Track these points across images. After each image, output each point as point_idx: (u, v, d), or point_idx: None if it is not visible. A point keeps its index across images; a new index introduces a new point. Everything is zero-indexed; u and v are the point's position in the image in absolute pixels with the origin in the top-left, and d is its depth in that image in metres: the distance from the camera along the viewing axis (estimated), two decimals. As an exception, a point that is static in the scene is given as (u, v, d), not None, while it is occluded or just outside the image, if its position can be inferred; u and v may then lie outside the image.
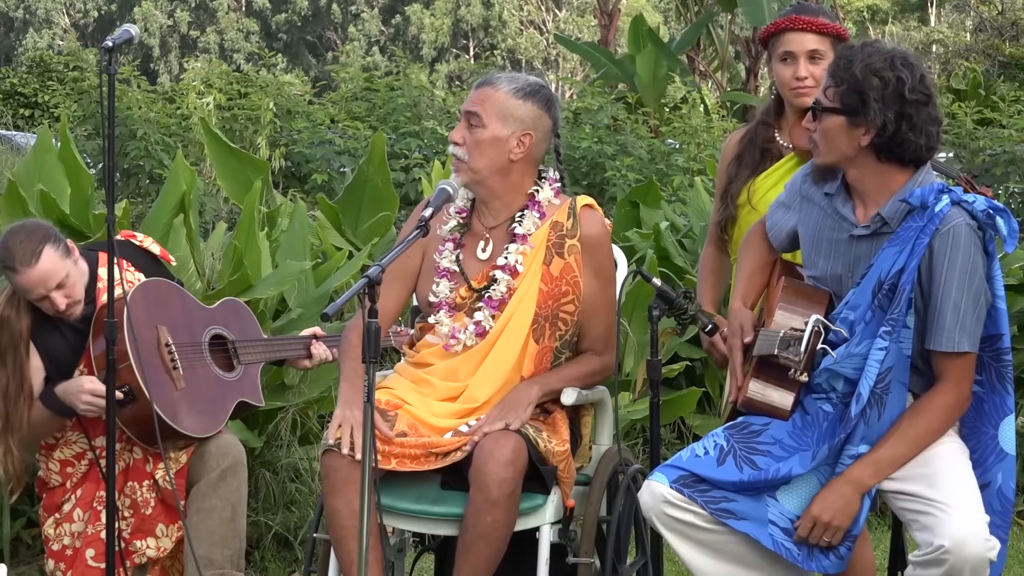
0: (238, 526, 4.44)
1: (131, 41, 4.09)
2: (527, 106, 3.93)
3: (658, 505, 3.51)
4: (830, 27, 4.12)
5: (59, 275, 4.32)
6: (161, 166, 10.69)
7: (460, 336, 3.94)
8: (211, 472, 4.40)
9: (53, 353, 4.43)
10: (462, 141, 3.92)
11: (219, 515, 4.39)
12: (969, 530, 3.29)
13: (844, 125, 3.47)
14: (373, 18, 59.40)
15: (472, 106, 3.92)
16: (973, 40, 28.52)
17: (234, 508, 4.42)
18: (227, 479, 4.41)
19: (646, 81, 16.99)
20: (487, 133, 3.90)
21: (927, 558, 3.31)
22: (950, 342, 3.44)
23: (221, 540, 4.39)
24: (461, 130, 3.93)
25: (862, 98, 3.42)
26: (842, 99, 3.46)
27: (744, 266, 3.86)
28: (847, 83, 3.44)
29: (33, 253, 4.29)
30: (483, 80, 3.99)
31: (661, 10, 47.53)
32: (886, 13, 43.72)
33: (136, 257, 4.57)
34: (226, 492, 4.41)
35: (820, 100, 3.51)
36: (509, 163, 3.93)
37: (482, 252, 4.01)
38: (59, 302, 4.33)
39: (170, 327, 4.41)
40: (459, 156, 3.93)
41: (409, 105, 12.82)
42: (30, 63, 26.21)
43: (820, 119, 3.50)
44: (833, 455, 3.47)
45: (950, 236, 3.42)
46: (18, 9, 59.25)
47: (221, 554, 4.39)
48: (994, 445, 3.54)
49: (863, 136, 3.46)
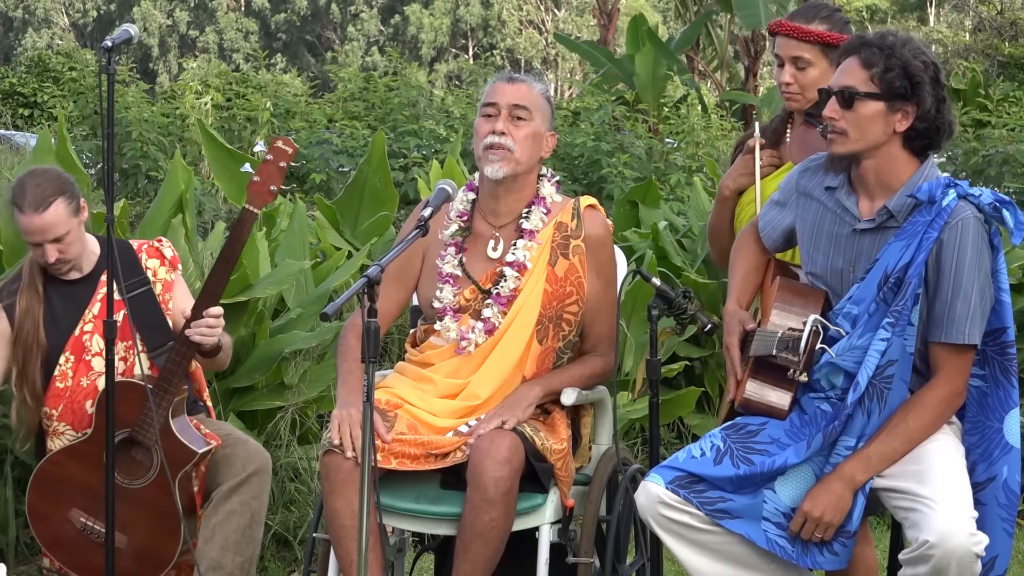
0: (255, 534, 4.38)
1: (130, 41, 4.09)
2: (549, 108, 4.04)
3: (654, 506, 3.51)
4: (814, 35, 4.06)
5: (59, 231, 4.34)
6: (157, 166, 10.69)
7: (471, 336, 3.95)
8: (236, 476, 4.36)
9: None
10: (508, 132, 3.94)
11: (237, 520, 4.34)
12: (953, 524, 3.28)
13: (883, 111, 3.46)
14: (372, 18, 59.42)
15: (520, 99, 3.96)
16: (972, 40, 28.52)
17: (253, 515, 4.37)
18: (250, 484, 4.36)
19: (645, 80, 16.98)
20: (533, 127, 3.97)
21: (914, 555, 3.31)
22: (960, 334, 3.44)
23: (234, 546, 4.33)
24: (504, 121, 3.95)
25: (914, 82, 3.43)
26: (889, 84, 3.44)
27: (738, 268, 3.87)
28: (895, 68, 3.43)
29: (43, 201, 4.32)
30: (514, 77, 4.03)
31: (660, 10, 47.56)
32: (885, 13, 43.74)
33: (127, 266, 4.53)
34: (247, 497, 4.36)
35: (853, 87, 3.47)
36: (539, 161, 4.02)
37: (493, 251, 4.02)
38: (50, 254, 4.34)
39: (76, 502, 4.38)
40: (508, 146, 3.94)
41: (407, 104, 12.82)
42: (29, 63, 26.21)
43: (853, 106, 3.48)
44: (828, 445, 3.47)
45: (959, 229, 3.43)
46: (17, 9, 59.26)
47: (232, 560, 4.33)
48: (999, 439, 3.54)
49: (900, 121, 3.46)
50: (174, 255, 4.61)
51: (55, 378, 4.45)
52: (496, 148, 3.94)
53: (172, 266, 4.58)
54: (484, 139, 3.95)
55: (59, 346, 4.45)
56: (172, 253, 4.60)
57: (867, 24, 41.83)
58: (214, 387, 5.19)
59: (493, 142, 3.94)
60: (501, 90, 3.99)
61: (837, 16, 4.14)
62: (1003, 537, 3.50)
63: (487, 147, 3.95)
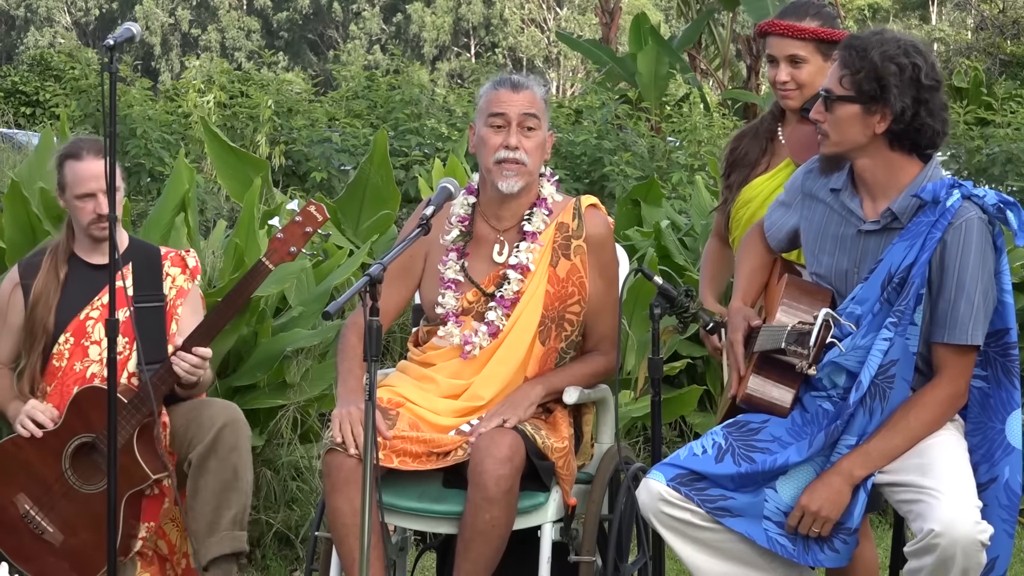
0: (241, 485, 4.40)
1: (133, 39, 4.10)
2: (548, 109, 4.04)
3: (655, 504, 3.51)
4: (808, 32, 4.09)
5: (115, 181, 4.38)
6: (161, 164, 10.68)
7: (475, 340, 3.95)
8: (205, 436, 4.38)
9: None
10: (520, 145, 3.93)
11: (219, 477, 4.37)
12: (958, 513, 3.28)
13: (859, 113, 3.47)
14: (374, 16, 59.37)
15: (529, 108, 3.95)
16: (974, 38, 28.46)
17: (235, 468, 4.38)
18: (223, 439, 4.37)
19: (647, 79, 16.98)
20: (541, 136, 3.98)
21: (919, 545, 3.31)
22: (963, 335, 3.44)
23: (225, 502, 4.38)
24: (516, 135, 3.93)
25: (881, 84, 3.43)
26: (859, 87, 3.45)
27: (744, 265, 3.87)
28: (864, 70, 3.44)
29: (101, 149, 4.40)
30: (517, 83, 3.99)
31: (662, 8, 47.50)
32: (887, 11, 43.71)
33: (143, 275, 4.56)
34: (225, 453, 4.38)
35: (832, 89, 3.50)
36: (544, 163, 4.02)
37: (499, 255, 4.02)
38: (103, 203, 4.37)
39: (26, 488, 4.42)
40: (523, 161, 3.93)
41: (409, 103, 12.81)
42: (31, 61, 26.20)
43: (832, 108, 3.50)
44: (830, 444, 3.47)
45: (963, 230, 3.43)
46: (19, 7, 59.23)
47: (225, 515, 4.38)
48: (1001, 439, 3.53)
49: (878, 123, 3.47)
50: (196, 266, 4.67)
51: (52, 355, 4.50)
52: (510, 163, 3.93)
53: (192, 276, 4.64)
54: (496, 152, 3.93)
55: (63, 324, 4.50)
56: (195, 263, 4.67)
57: (869, 23, 41.81)
58: (215, 386, 5.19)
59: (507, 157, 3.93)
60: (508, 99, 3.95)
61: (826, 12, 4.19)
62: (1004, 538, 3.50)
63: (499, 161, 3.93)
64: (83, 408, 4.32)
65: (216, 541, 4.38)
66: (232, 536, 4.39)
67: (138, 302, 4.45)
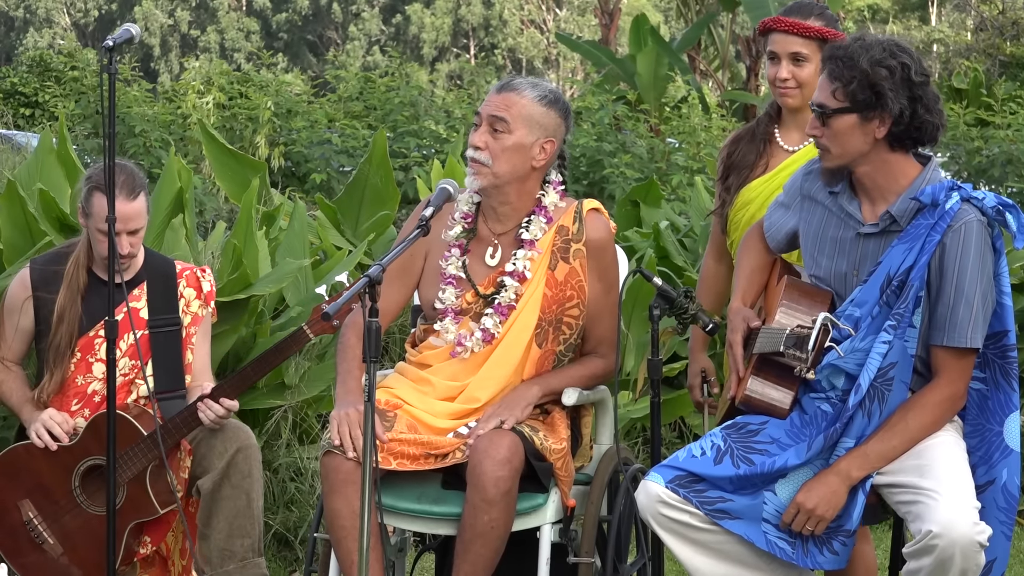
0: (255, 512, 4.40)
1: (132, 40, 4.10)
2: (550, 114, 3.93)
3: (654, 505, 3.51)
4: (813, 30, 4.11)
5: (140, 222, 4.43)
6: (160, 164, 10.68)
7: (467, 343, 3.93)
8: (220, 459, 4.37)
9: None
10: (484, 145, 3.89)
11: (234, 504, 4.36)
12: (956, 514, 3.28)
13: (857, 122, 3.47)
14: (373, 17, 59.36)
15: (498, 111, 3.89)
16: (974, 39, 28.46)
17: (248, 495, 4.38)
18: (237, 465, 4.37)
19: (647, 80, 16.99)
20: (513, 139, 3.89)
21: (918, 546, 3.31)
22: (962, 338, 3.44)
23: (239, 529, 4.37)
24: (483, 134, 3.90)
25: (876, 91, 3.43)
26: (854, 96, 3.45)
27: (743, 266, 3.86)
28: (856, 80, 3.44)
29: (134, 189, 4.40)
30: (504, 84, 3.96)
31: (662, 9, 47.52)
32: (887, 12, 43.72)
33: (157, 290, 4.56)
34: (238, 479, 4.37)
35: (826, 103, 3.49)
36: (531, 170, 3.94)
37: (491, 259, 4.00)
38: (124, 245, 4.37)
39: (32, 496, 4.42)
40: (482, 160, 3.90)
41: (407, 104, 12.81)
42: (30, 62, 26.16)
43: (829, 123, 3.49)
44: (828, 447, 3.47)
45: (962, 232, 3.43)
46: (18, 8, 59.24)
47: (241, 544, 4.37)
48: (999, 442, 3.54)
49: (878, 129, 3.46)
50: (211, 290, 4.64)
51: None
52: (472, 162, 3.92)
53: (206, 302, 4.62)
54: (468, 150, 3.95)
55: (75, 340, 4.49)
56: (210, 287, 4.64)
57: (868, 24, 41.83)
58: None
59: (470, 156, 3.93)
60: (489, 99, 3.94)
61: (828, 14, 4.21)
62: (1002, 540, 3.50)
63: (468, 159, 3.94)
64: (102, 432, 4.27)
65: (238, 569, 4.37)
66: (254, 563, 4.40)
67: (153, 326, 4.48)
